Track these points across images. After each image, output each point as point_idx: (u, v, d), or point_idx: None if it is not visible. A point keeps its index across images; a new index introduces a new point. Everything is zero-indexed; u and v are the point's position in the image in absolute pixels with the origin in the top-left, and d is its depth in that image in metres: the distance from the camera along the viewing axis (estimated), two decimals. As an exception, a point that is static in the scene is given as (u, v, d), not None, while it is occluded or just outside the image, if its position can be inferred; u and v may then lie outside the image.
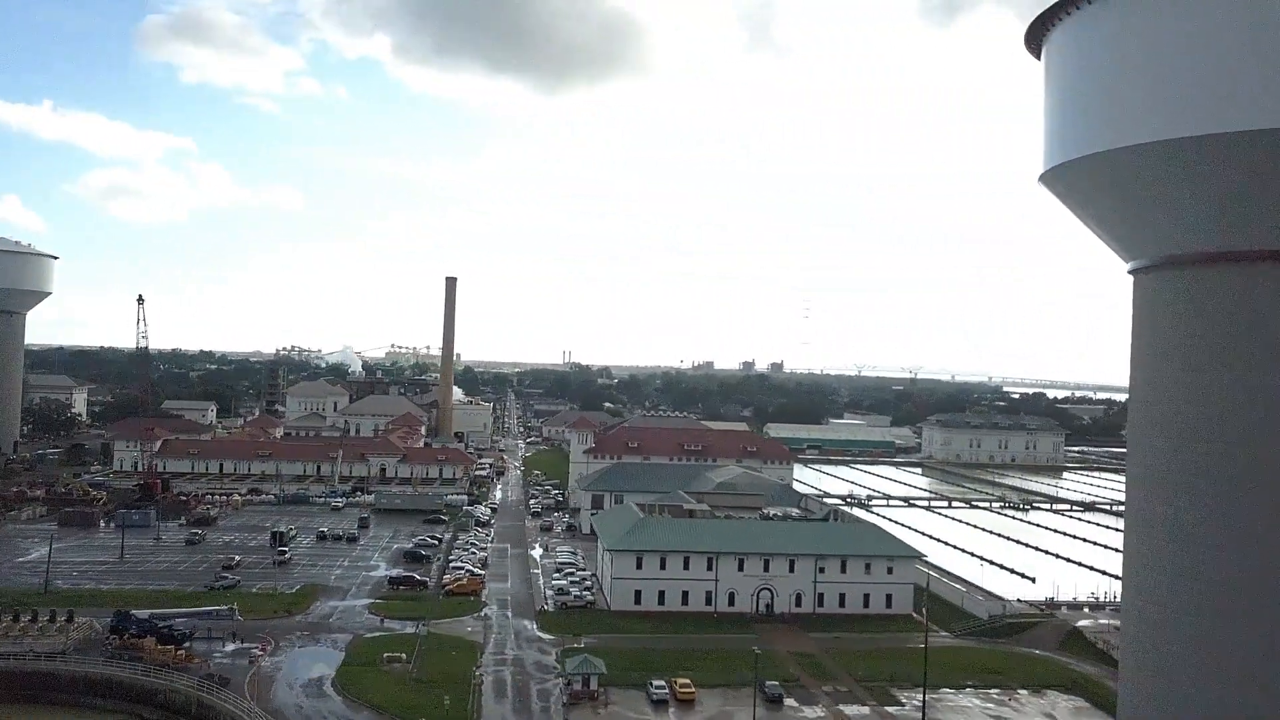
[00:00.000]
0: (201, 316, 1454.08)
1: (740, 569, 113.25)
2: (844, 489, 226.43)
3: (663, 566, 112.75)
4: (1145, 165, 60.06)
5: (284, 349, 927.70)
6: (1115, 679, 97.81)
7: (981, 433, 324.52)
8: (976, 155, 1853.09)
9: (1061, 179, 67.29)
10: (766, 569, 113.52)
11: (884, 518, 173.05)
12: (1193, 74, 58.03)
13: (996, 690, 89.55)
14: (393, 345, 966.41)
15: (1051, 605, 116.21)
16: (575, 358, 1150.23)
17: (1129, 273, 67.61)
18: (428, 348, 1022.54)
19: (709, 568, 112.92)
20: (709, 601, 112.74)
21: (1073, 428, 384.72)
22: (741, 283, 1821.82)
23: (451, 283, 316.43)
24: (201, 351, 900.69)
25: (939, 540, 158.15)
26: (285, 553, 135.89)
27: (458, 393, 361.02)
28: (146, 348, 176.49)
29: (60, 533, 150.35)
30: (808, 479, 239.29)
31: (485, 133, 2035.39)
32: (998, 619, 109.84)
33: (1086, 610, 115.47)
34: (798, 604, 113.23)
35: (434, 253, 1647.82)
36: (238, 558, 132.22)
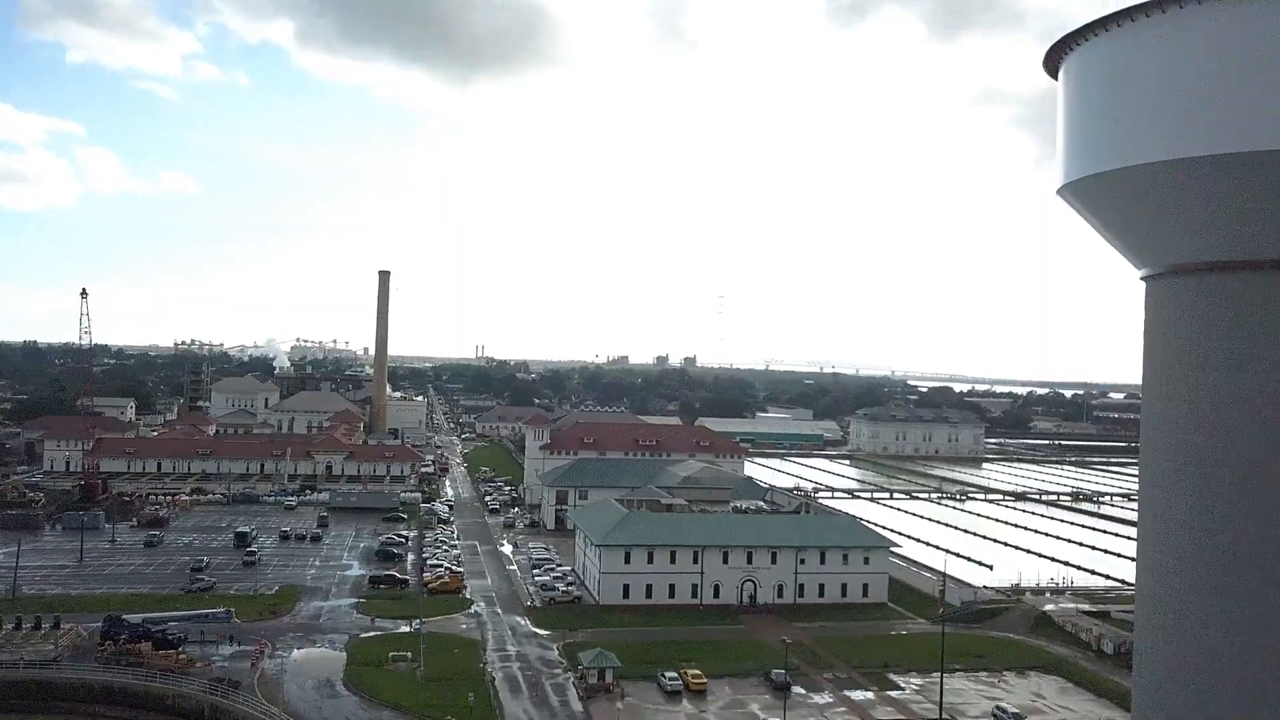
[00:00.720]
0: (93, 309, 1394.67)
1: (725, 561, 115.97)
2: (786, 482, 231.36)
3: (650, 560, 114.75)
4: (1160, 181, 64.03)
5: (183, 342, 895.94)
6: (1087, 660, 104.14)
7: (906, 426, 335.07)
8: (881, 152, 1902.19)
9: (1078, 192, 71.14)
10: (750, 561, 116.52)
11: (833, 510, 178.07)
12: (1206, 97, 62.34)
13: (985, 673, 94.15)
14: (299, 339, 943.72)
15: (1016, 591, 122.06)
16: (489, 352, 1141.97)
17: (1141, 279, 71.75)
18: (334, 341, 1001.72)
19: (695, 561, 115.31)
20: (695, 594, 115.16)
21: (984, 420, 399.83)
22: (653, 278, 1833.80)
23: (385, 276, 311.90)
24: (96, 345, 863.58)
25: (892, 530, 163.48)
26: (254, 553, 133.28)
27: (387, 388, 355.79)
28: (91, 344, 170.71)
29: (1, 536, 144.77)
30: (749, 472, 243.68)
31: (393, 124, 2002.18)
32: (970, 605, 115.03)
33: (1048, 595, 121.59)
34: (779, 595, 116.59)
35: (341, 245, 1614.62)
36: (206, 559, 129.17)
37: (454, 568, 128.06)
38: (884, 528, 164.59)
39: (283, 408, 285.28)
